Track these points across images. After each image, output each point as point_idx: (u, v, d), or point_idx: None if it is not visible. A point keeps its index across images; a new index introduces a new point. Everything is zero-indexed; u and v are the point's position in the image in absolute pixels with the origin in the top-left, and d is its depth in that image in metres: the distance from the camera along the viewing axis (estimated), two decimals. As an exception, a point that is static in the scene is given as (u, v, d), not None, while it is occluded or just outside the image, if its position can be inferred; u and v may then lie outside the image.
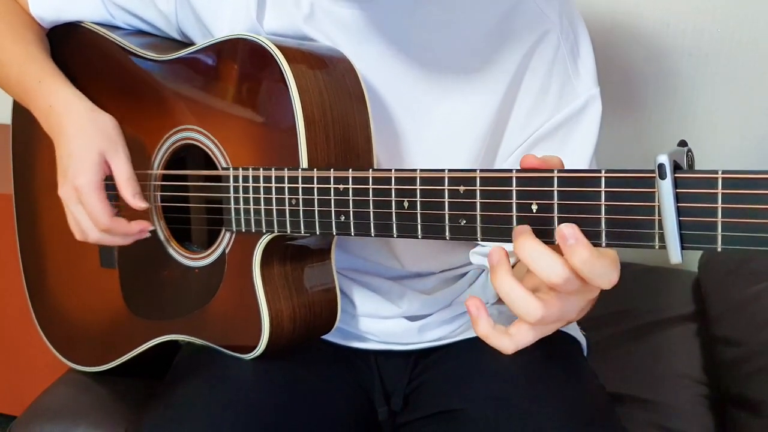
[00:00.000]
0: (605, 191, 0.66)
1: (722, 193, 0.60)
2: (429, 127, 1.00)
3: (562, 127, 1.00)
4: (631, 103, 1.70)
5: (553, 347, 1.11)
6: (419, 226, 0.79)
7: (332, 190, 0.86)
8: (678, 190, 0.61)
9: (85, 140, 1.02)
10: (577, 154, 0.99)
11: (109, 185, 1.03)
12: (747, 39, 1.61)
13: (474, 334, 1.13)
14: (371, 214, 0.83)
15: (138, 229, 1.03)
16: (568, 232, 0.65)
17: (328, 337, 1.11)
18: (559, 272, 0.65)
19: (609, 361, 1.38)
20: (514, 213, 0.71)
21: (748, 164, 1.68)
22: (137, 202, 1.01)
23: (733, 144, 1.69)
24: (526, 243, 0.67)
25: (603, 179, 0.66)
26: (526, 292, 0.67)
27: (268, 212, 0.93)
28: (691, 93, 1.67)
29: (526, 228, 0.69)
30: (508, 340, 0.70)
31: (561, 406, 0.99)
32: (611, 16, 1.65)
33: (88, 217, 1.02)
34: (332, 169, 0.86)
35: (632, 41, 1.66)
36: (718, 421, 1.32)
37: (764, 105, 1.64)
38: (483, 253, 1.01)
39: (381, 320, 1.14)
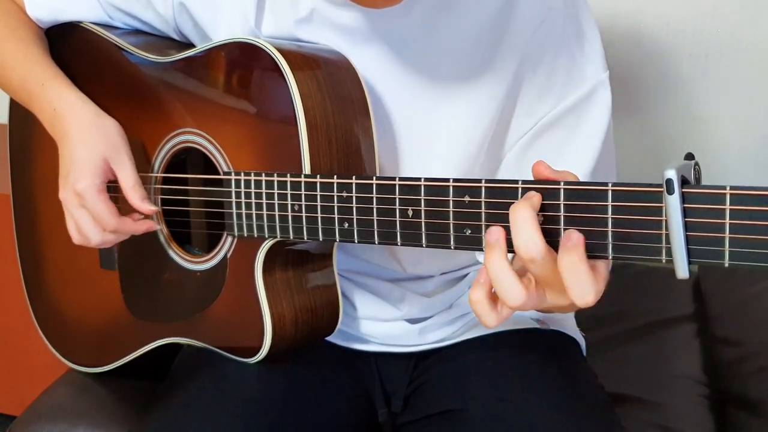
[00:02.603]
0: (612, 205, 0.66)
1: (730, 209, 0.60)
2: (432, 127, 0.99)
3: (570, 114, 0.96)
4: (630, 103, 1.70)
5: (552, 347, 1.12)
6: (424, 235, 0.79)
7: (335, 197, 0.86)
8: (686, 205, 0.61)
9: (89, 145, 1.01)
10: (585, 143, 0.96)
11: (110, 188, 1.03)
12: (747, 39, 1.60)
13: (474, 335, 1.14)
14: (375, 221, 0.83)
15: (145, 228, 1.03)
16: (574, 238, 0.67)
17: (329, 338, 1.11)
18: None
19: (609, 361, 1.38)
20: (520, 224, 0.71)
21: (749, 164, 1.68)
22: (146, 207, 1.01)
23: (733, 144, 1.69)
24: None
25: (610, 192, 0.66)
26: (514, 277, 0.69)
27: (271, 218, 0.93)
28: (691, 93, 1.67)
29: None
30: (495, 316, 0.72)
31: (560, 406, 0.99)
32: (611, 17, 1.65)
33: (91, 221, 1.01)
34: (335, 176, 0.86)
35: (632, 41, 1.66)
36: (718, 421, 1.32)
37: (764, 105, 1.64)
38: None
39: (381, 323, 1.14)
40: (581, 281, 0.66)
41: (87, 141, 1.02)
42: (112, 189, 1.03)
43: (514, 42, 0.95)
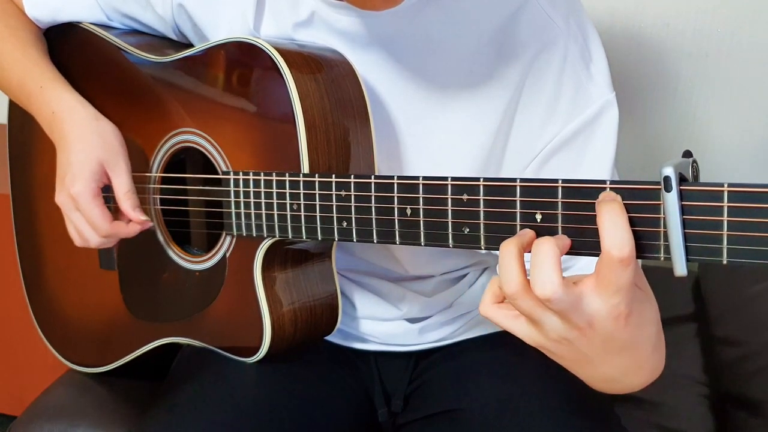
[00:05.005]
0: (610, 202, 0.65)
1: (728, 207, 0.60)
2: (430, 135, 0.99)
3: (579, 135, 0.95)
4: (630, 103, 1.70)
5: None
6: (422, 234, 0.79)
7: (334, 196, 0.86)
8: (683, 203, 0.61)
9: (86, 148, 1.01)
10: (597, 163, 0.95)
11: (106, 192, 1.03)
12: (747, 39, 1.60)
13: (474, 335, 1.14)
14: (373, 220, 0.83)
15: (138, 229, 1.02)
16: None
17: (329, 337, 1.11)
18: (552, 286, 0.64)
19: (609, 361, 1.38)
20: (518, 222, 0.71)
21: (748, 164, 1.68)
22: (137, 216, 1.00)
23: (732, 144, 1.68)
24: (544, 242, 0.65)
25: (607, 190, 0.65)
26: (520, 267, 0.66)
27: (269, 217, 0.93)
28: (690, 93, 1.67)
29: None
30: (493, 308, 0.72)
31: (560, 406, 0.99)
32: (611, 16, 1.64)
33: (88, 224, 1.01)
34: (334, 175, 0.86)
35: (632, 41, 1.65)
36: (718, 421, 1.32)
37: (764, 105, 1.64)
38: None
39: (381, 322, 1.14)
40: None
41: (84, 144, 1.02)
42: (107, 191, 1.03)
43: (515, 60, 0.95)
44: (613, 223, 0.63)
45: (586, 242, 0.67)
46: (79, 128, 1.03)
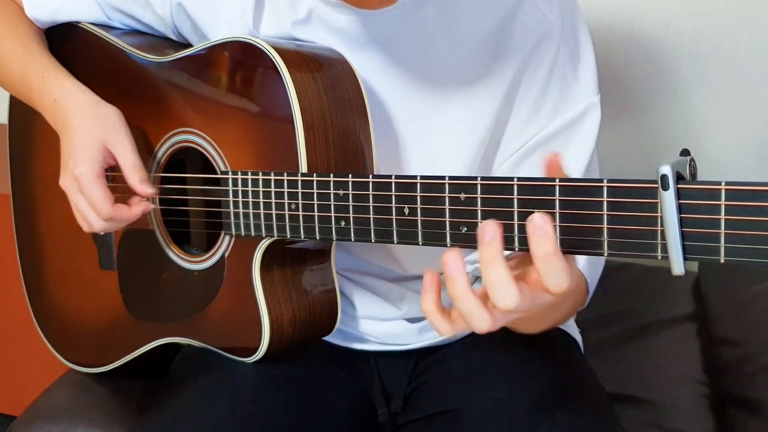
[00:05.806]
0: (607, 201, 0.65)
1: (725, 205, 0.60)
2: (428, 134, 0.99)
3: (559, 135, 0.97)
4: (630, 102, 1.70)
5: (551, 346, 1.11)
6: (420, 233, 0.79)
7: (332, 195, 0.86)
8: (681, 201, 0.61)
9: (88, 131, 1.02)
10: (573, 163, 0.96)
11: (108, 175, 1.03)
12: (747, 39, 1.60)
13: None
14: (371, 220, 0.82)
15: (140, 212, 1.02)
16: (539, 224, 0.65)
17: (328, 338, 1.11)
18: (512, 302, 0.66)
19: (609, 361, 1.37)
20: (516, 221, 0.71)
21: (748, 164, 1.68)
22: (145, 189, 1.00)
23: (732, 144, 1.68)
24: (491, 263, 0.67)
25: (605, 189, 0.65)
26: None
27: (268, 217, 0.93)
28: (690, 93, 1.67)
29: (496, 241, 0.67)
30: (446, 324, 0.72)
31: (560, 406, 0.99)
32: (611, 16, 1.65)
33: (90, 207, 1.01)
34: (332, 174, 0.86)
35: (632, 41, 1.66)
36: (718, 421, 1.32)
37: (764, 105, 1.64)
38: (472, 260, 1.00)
39: (381, 322, 1.14)
40: (556, 270, 0.65)
41: (86, 127, 1.02)
42: (111, 178, 1.03)
43: (510, 58, 0.96)
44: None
45: (583, 241, 0.67)
46: (81, 113, 1.03)
